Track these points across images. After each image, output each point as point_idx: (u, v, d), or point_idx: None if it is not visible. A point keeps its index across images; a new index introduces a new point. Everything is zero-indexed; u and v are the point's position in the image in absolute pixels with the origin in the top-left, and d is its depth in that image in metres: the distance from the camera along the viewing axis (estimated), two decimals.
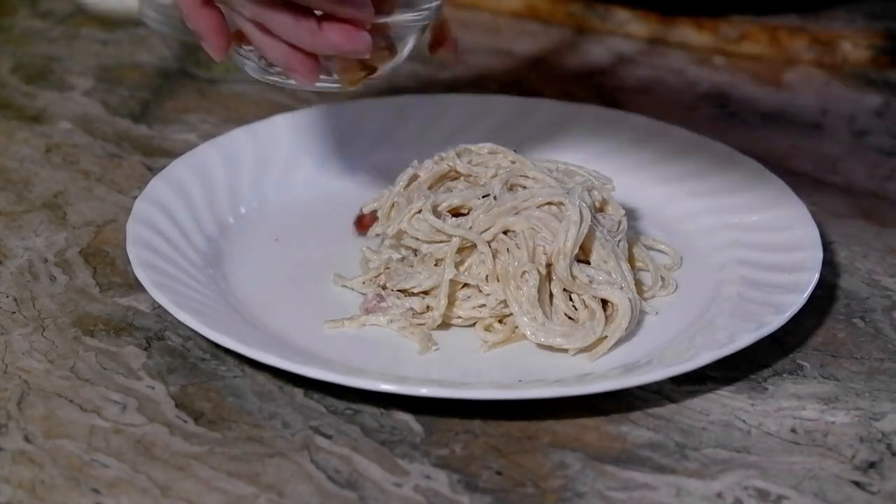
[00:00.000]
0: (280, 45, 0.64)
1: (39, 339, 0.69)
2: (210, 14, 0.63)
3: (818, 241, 0.74)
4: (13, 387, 0.65)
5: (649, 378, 0.64)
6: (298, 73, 0.65)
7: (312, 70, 0.65)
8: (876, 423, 0.64)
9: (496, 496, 0.59)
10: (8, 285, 0.73)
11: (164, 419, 0.63)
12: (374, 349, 0.69)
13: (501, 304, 0.69)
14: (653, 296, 0.73)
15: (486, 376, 0.67)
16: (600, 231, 0.71)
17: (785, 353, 0.69)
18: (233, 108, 0.93)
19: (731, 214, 0.78)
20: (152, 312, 0.71)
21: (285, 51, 0.64)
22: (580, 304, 0.69)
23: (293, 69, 0.65)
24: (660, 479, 0.60)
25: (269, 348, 0.65)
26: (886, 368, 0.68)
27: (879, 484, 0.60)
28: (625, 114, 0.89)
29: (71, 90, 0.96)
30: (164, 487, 0.59)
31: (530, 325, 0.68)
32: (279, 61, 0.65)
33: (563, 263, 0.69)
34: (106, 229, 0.79)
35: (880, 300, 0.74)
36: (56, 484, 0.59)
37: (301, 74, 0.65)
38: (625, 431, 0.63)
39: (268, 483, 0.59)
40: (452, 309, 0.70)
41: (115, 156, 0.87)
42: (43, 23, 1.06)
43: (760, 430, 0.64)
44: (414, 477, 0.60)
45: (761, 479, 0.60)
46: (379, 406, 0.64)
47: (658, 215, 0.80)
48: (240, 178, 0.80)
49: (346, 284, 0.73)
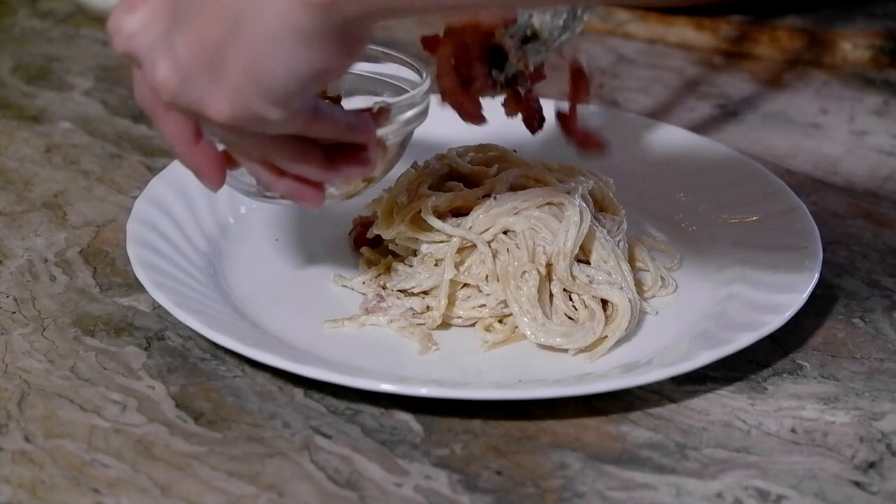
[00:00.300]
0: (286, 179, 0.60)
1: (39, 339, 0.69)
2: (204, 148, 0.59)
3: (818, 241, 0.74)
4: (13, 387, 0.65)
5: (649, 378, 0.64)
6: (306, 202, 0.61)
7: (320, 196, 0.61)
8: (876, 423, 0.64)
9: (496, 496, 0.59)
10: (8, 285, 0.73)
11: (164, 419, 0.63)
12: (374, 349, 0.69)
13: (501, 304, 0.69)
14: (653, 296, 0.73)
15: (486, 376, 0.67)
16: (600, 231, 0.71)
17: (785, 353, 0.69)
18: None
19: (731, 214, 0.78)
20: (152, 312, 0.71)
21: (291, 183, 0.60)
22: (580, 304, 0.69)
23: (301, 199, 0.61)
24: (660, 479, 0.60)
25: (269, 348, 0.65)
26: (886, 368, 0.68)
27: (879, 484, 0.60)
28: (625, 114, 0.89)
29: (71, 90, 0.96)
30: (164, 487, 0.59)
31: (530, 326, 0.68)
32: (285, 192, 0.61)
33: (563, 264, 0.69)
34: (106, 229, 0.79)
35: (880, 300, 0.74)
36: (56, 484, 0.59)
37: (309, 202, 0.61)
38: (625, 431, 0.63)
39: (268, 483, 0.59)
40: (452, 309, 0.70)
41: (115, 156, 0.87)
42: (43, 23, 1.07)
43: (760, 430, 0.64)
44: (414, 477, 0.60)
45: (761, 479, 0.60)
46: (379, 406, 0.64)
47: (658, 215, 0.80)
48: None
49: (346, 284, 0.73)
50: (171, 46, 0.53)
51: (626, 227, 0.74)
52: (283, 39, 0.50)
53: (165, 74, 0.54)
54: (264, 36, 0.50)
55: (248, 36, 0.51)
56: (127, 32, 0.56)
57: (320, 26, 0.50)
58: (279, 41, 0.50)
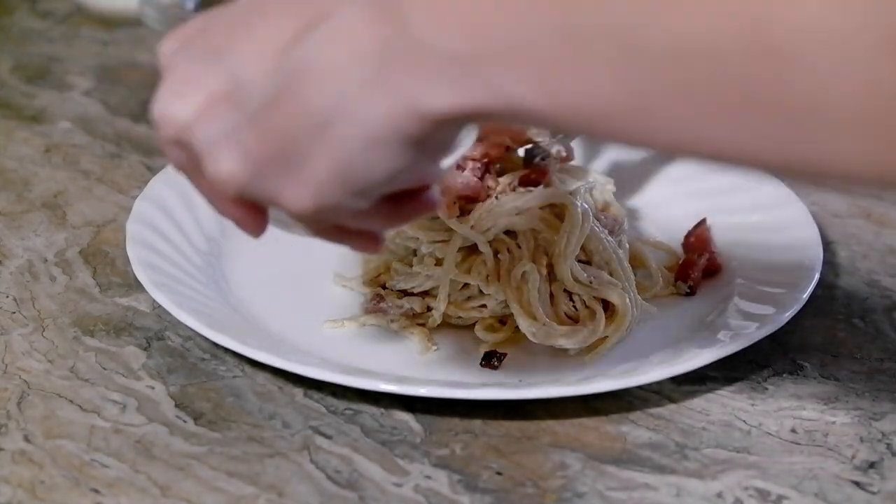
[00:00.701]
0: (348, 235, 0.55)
1: (39, 339, 0.69)
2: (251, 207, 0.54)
3: (818, 241, 0.74)
4: (13, 387, 0.65)
5: (649, 378, 0.64)
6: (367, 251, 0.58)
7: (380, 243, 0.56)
8: (876, 423, 0.64)
9: (496, 496, 0.59)
10: (8, 285, 0.73)
11: (164, 419, 0.63)
12: (374, 349, 0.69)
13: (502, 304, 0.69)
14: (653, 296, 0.73)
15: (486, 376, 0.67)
16: (601, 231, 0.71)
17: (785, 353, 0.69)
18: None
19: (731, 214, 0.78)
20: (152, 312, 0.71)
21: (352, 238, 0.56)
22: (581, 304, 0.69)
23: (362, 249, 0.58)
24: (660, 479, 0.60)
25: (269, 348, 0.65)
26: (886, 368, 0.68)
27: (879, 484, 0.60)
28: None
29: (71, 90, 0.96)
30: (164, 487, 0.59)
31: (531, 326, 0.68)
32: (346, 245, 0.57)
33: (564, 265, 0.69)
34: (106, 229, 0.79)
35: (880, 300, 0.74)
36: (56, 484, 0.59)
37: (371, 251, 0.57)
38: (625, 431, 0.63)
39: (268, 483, 0.59)
40: (453, 309, 0.70)
41: (115, 156, 0.87)
42: (43, 23, 1.06)
43: (760, 430, 0.64)
44: (414, 477, 0.60)
45: (761, 479, 0.60)
46: (379, 406, 0.64)
47: (658, 215, 0.80)
48: None
49: (346, 284, 0.73)
50: (239, 140, 0.49)
51: (627, 227, 0.74)
52: (379, 143, 0.47)
53: (233, 169, 0.50)
54: (359, 137, 0.47)
55: (338, 135, 0.47)
56: (180, 122, 0.51)
57: (421, 133, 0.47)
58: (375, 144, 0.47)
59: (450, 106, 0.46)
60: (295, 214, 0.51)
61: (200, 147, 0.51)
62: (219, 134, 0.50)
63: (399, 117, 0.46)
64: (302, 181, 0.49)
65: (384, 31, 0.46)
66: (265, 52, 0.49)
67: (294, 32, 0.48)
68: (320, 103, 0.47)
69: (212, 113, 0.50)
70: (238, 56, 0.50)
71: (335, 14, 0.47)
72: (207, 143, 0.50)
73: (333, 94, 0.47)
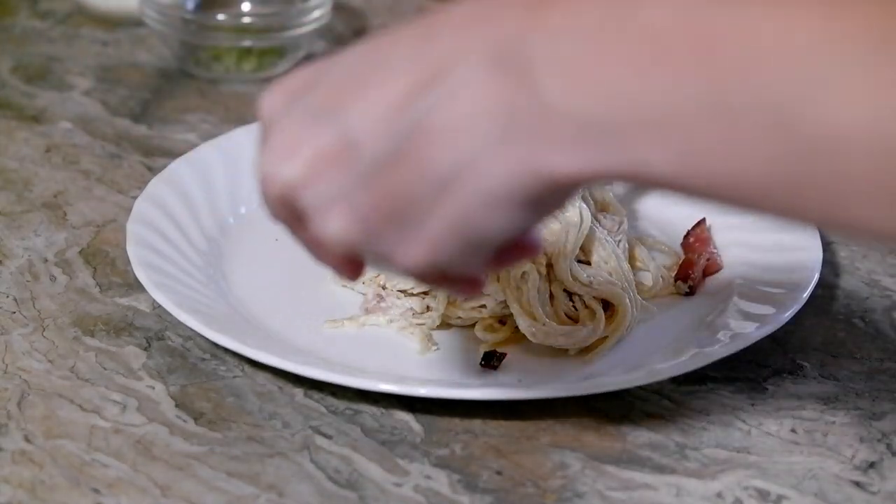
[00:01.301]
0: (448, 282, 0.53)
1: (39, 339, 0.69)
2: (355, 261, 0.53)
3: (818, 241, 0.74)
4: (13, 387, 0.65)
5: (649, 378, 0.64)
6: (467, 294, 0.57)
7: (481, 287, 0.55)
8: (876, 423, 0.64)
9: (496, 496, 0.59)
10: (8, 285, 0.73)
11: (164, 419, 0.63)
12: (374, 349, 0.69)
13: (502, 304, 0.69)
14: (653, 296, 0.73)
15: (486, 376, 0.67)
16: (601, 231, 0.71)
17: (785, 353, 0.69)
18: (233, 108, 0.93)
19: (730, 215, 0.78)
20: (152, 312, 0.71)
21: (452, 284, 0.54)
22: (581, 304, 0.69)
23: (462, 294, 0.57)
24: (660, 479, 0.60)
25: (269, 348, 0.65)
26: (886, 368, 0.68)
27: (879, 484, 0.60)
28: None
29: (71, 90, 0.96)
30: (164, 487, 0.59)
31: (531, 326, 0.68)
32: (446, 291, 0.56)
33: (563, 265, 0.68)
34: (106, 229, 0.78)
35: (880, 300, 0.74)
36: (56, 484, 0.59)
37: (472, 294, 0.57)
38: (625, 431, 0.63)
39: (268, 483, 0.59)
40: (452, 309, 0.70)
41: (115, 156, 0.87)
42: (43, 23, 1.06)
43: (760, 430, 0.64)
44: (414, 477, 0.60)
45: (761, 479, 0.60)
46: (379, 406, 0.64)
47: (658, 215, 0.80)
48: (240, 178, 0.80)
49: (346, 284, 0.73)
50: (352, 201, 0.48)
51: (627, 227, 0.74)
52: (500, 202, 0.46)
53: (344, 231, 0.48)
54: (480, 196, 0.46)
55: (459, 194, 0.46)
56: (287, 182, 0.49)
57: (543, 193, 0.46)
58: (496, 203, 0.46)
59: (577, 169, 0.45)
60: (407, 270, 0.50)
61: (308, 207, 0.49)
62: (330, 195, 0.48)
63: (523, 178, 0.46)
64: (417, 239, 0.48)
65: (510, 91, 0.45)
66: (379, 110, 0.47)
67: (411, 89, 0.47)
68: (442, 161, 0.46)
69: (323, 174, 0.48)
70: (350, 114, 0.48)
71: (455, 71, 0.46)
72: (317, 204, 0.49)
73: (457, 152, 0.46)
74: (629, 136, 0.44)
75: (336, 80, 0.49)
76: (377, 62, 0.48)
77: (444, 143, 0.46)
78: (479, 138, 0.45)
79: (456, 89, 0.46)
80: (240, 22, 0.97)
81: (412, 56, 0.47)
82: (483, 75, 0.45)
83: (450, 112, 0.46)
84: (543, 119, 0.45)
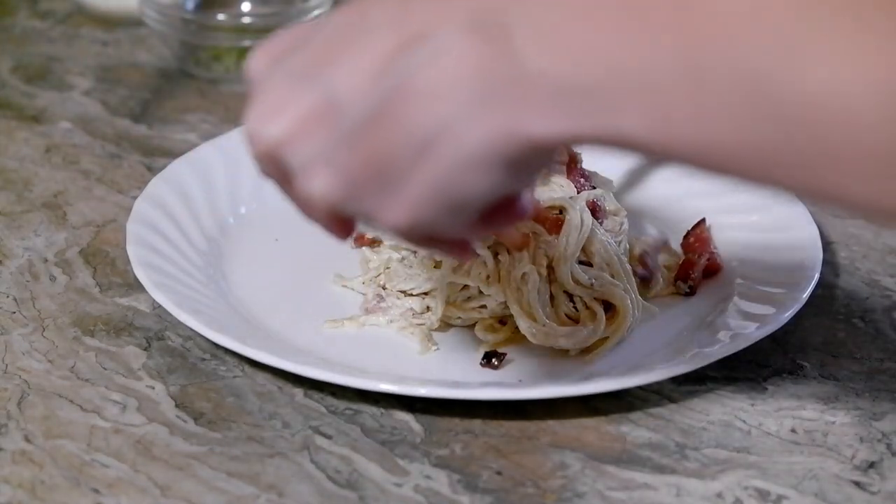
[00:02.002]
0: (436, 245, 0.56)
1: (39, 339, 0.69)
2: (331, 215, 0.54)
3: (818, 241, 0.74)
4: (13, 387, 0.65)
5: (649, 378, 0.64)
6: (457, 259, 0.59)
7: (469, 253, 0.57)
8: (876, 423, 0.64)
9: (496, 496, 0.59)
10: (8, 285, 0.73)
11: (164, 419, 0.63)
12: (374, 349, 0.69)
13: (502, 304, 0.69)
14: (653, 296, 0.73)
15: (486, 376, 0.67)
16: (602, 233, 0.71)
17: (785, 353, 0.69)
18: (233, 108, 0.93)
19: (731, 214, 0.78)
20: (152, 312, 0.71)
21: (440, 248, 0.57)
22: (581, 305, 0.69)
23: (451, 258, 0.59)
24: (660, 479, 0.60)
25: (269, 348, 0.65)
26: (886, 368, 0.68)
27: (879, 484, 0.60)
28: None
29: (71, 90, 0.96)
30: (164, 487, 0.59)
31: (531, 327, 0.68)
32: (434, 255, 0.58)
33: (564, 269, 0.68)
34: (106, 229, 0.79)
35: (880, 300, 0.74)
36: (56, 484, 0.59)
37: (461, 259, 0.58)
38: (625, 431, 0.63)
39: (268, 483, 0.59)
40: (452, 309, 0.70)
41: (115, 156, 0.87)
42: (43, 23, 1.06)
43: (760, 430, 0.64)
44: (414, 477, 0.60)
45: (761, 479, 0.60)
46: (379, 406, 0.64)
47: (658, 215, 0.80)
48: (240, 178, 0.80)
49: (346, 284, 0.73)
50: (335, 161, 0.49)
51: (627, 227, 0.74)
52: (479, 164, 0.47)
53: (327, 188, 0.50)
54: (459, 158, 0.47)
55: (438, 155, 0.47)
56: (273, 140, 0.50)
57: (521, 156, 0.47)
58: (474, 165, 0.48)
59: (555, 132, 0.46)
60: (390, 229, 0.51)
61: (294, 165, 0.51)
62: (313, 153, 0.50)
63: (501, 140, 0.47)
64: (398, 199, 0.49)
65: (489, 54, 0.46)
66: (362, 71, 0.49)
67: (392, 52, 0.48)
68: (422, 124, 0.47)
69: (306, 132, 0.50)
70: (333, 75, 0.49)
71: (436, 35, 0.47)
72: (301, 162, 0.50)
73: (436, 116, 0.47)
74: (605, 101, 0.45)
75: (320, 43, 0.50)
76: (360, 26, 0.50)
77: (423, 106, 0.47)
78: (458, 102, 0.47)
79: (436, 54, 0.47)
80: (240, 22, 0.97)
81: (394, 20, 0.49)
82: (462, 40, 0.47)
83: (429, 76, 0.47)
84: (521, 83, 0.46)
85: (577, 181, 0.72)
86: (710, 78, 0.44)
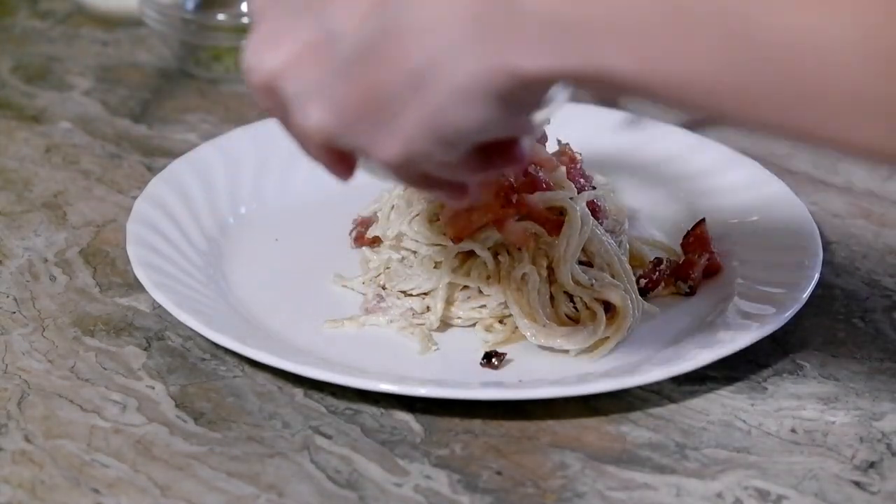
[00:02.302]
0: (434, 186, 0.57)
1: (39, 339, 0.69)
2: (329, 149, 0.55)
3: (818, 241, 0.74)
4: (13, 387, 0.65)
5: (649, 378, 0.64)
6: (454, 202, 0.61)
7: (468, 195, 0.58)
8: (876, 423, 0.64)
9: (496, 496, 0.59)
10: (8, 285, 0.73)
11: (164, 419, 0.63)
12: (374, 349, 0.69)
13: (502, 304, 0.69)
14: (654, 296, 0.73)
15: (486, 376, 0.67)
16: (602, 233, 0.71)
17: (785, 353, 0.69)
18: (233, 108, 0.93)
19: (731, 214, 0.78)
20: (152, 312, 0.71)
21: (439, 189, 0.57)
22: (582, 305, 0.69)
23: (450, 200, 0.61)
24: (660, 479, 0.60)
25: (269, 348, 0.65)
26: (886, 368, 0.68)
27: (879, 484, 0.60)
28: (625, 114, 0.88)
29: (71, 90, 0.96)
30: (164, 487, 0.59)
31: (531, 328, 0.68)
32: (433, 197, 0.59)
33: (564, 270, 0.68)
34: (106, 229, 0.79)
35: (880, 300, 0.74)
36: (56, 484, 0.59)
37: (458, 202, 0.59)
38: (625, 431, 0.63)
39: (268, 483, 0.59)
40: (452, 309, 0.70)
41: (115, 156, 0.87)
42: (43, 23, 1.07)
43: (760, 430, 0.64)
44: (414, 477, 0.60)
45: (761, 479, 0.60)
46: (379, 406, 0.64)
47: (658, 215, 0.80)
48: (240, 178, 0.80)
49: (346, 284, 0.73)
50: (330, 93, 0.51)
51: (627, 227, 0.74)
52: (470, 97, 0.49)
53: (322, 120, 0.51)
54: (451, 91, 0.49)
55: (431, 89, 0.49)
56: (269, 71, 0.52)
57: (511, 91, 0.49)
58: (466, 98, 0.49)
59: (543, 68, 0.48)
60: (384, 163, 0.52)
61: (290, 97, 0.52)
62: (309, 85, 0.51)
63: (491, 74, 0.48)
64: (392, 132, 0.51)
65: None
66: (358, 6, 0.50)
67: None
68: (415, 58, 0.49)
69: (302, 64, 0.51)
70: (330, 9, 0.51)
71: None
72: (297, 94, 0.52)
73: (429, 51, 0.48)
74: (591, 37, 0.47)
75: None
76: None
77: (416, 41, 0.48)
78: (449, 37, 0.48)
79: None
80: (240, 22, 0.97)
81: None
82: None
83: (422, 11, 0.48)
84: (510, 19, 0.47)
85: (577, 181, 0.72)
86: (692, 17, 0.45)
